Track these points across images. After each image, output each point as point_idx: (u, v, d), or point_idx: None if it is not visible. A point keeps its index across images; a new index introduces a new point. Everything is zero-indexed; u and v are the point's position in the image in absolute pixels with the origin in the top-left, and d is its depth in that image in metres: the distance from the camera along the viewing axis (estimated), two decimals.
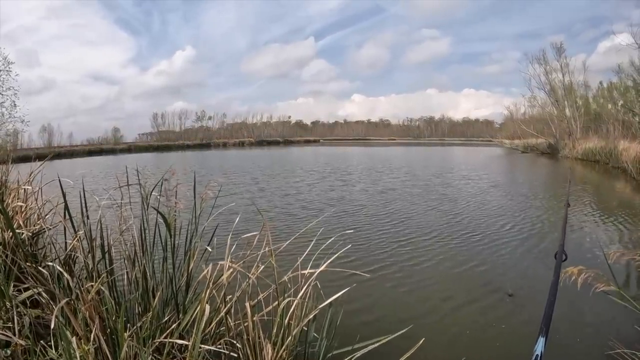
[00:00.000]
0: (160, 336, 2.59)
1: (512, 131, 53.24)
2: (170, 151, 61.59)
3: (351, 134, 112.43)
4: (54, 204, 4.13)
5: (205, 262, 3.26)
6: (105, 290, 2.70)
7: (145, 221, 3.28)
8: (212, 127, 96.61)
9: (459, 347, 4.04)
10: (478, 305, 5.06)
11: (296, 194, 14.07)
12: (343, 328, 3.03)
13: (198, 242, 3.29)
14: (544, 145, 41.66)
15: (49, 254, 3.96)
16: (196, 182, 3.53)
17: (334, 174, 20.96)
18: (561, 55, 42.33)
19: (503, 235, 8.42)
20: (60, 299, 2.38)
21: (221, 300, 2.80)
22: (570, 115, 40.51)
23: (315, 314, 2.69)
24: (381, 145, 75.52)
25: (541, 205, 12.07)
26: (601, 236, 8.45)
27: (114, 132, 77.97)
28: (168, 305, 3.05)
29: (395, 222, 9.59)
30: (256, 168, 25.57)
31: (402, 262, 6.64)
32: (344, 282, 3.18)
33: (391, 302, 5.17)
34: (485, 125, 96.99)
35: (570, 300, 4.89)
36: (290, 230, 8.30)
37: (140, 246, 3.21)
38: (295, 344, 2.66)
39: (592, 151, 29.61)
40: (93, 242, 3.14)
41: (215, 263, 3.00)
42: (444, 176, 20.48)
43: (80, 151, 54.23)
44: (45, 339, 2.69)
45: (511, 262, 6.69)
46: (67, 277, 2.94)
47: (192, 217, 3.37)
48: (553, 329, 4.35)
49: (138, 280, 3.08)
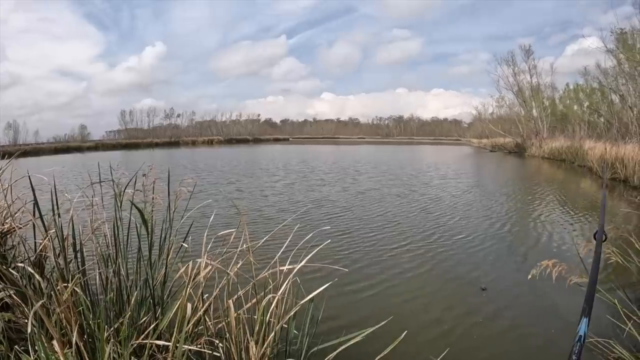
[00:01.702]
0: (138, 337, 2.53)
1: (480, 130, 54.20)
2: (139, 149, 60.63)
3: (321, 133, 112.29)
4: (23, 202, 4.01)
5: (181, 260, 3.21)
6: (79, 291, 2.62)
7: (118, 219, 3.20)
8: (181, 125, 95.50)
9: (439, 340, 4.09)
10: (455, 299, 5.17)
11: (274, 194, 13.93)
12: (325, 324, 3.03)
13: (173, 239, 3.22)
14: (512, 145, 42.45)
15: (18, 255, 3.84)
16: (170, 181, 3.46)
17: (312, 174, 20.94)
18: (529, 57, 43.33)
19: (478, 231, 8.54)
20: (34, 301, 2.30)
21: (199, 298, 2.76)
22: (537, 116, 41.41)
23: (297, 310, 2.67)
24: (351, 144, 75.78)
25: (514, 204, 12.31)
26: (572, 230, 8.66)
27: (81, 129, 76.26)
28: (144, 305, 2.99)
29: (374, 220, 9.67)
30: (229, 167, 25.40)
31: (379, 258, 6.73)
32: (324, 279, 3.15)
33: (369, 297, 5.20)
34: (454, 125, 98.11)
35: (544, 292, 5.00)
36: (268, 228, 8.24)
37: (114, 244, 3.13)
38: (277, 341, 2.63)
39: (558, 150, 30.31)
40: (65, 241, 3.05)
41: (193, 261, 2.94)
42: (421, 174, 20.83)
43: (46, 149, 52.95)
44: (17, 343, 2.60)
45: (484, 258, 6.79)
46: (38, 279, 2.85)
47: (166, 214, 3.31)
48: (527, 321, 4.47)
49: (112, 280, 3.00)
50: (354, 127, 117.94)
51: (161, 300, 3.03)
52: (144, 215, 3.06)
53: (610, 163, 17.57)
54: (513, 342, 4.16)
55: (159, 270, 3.09)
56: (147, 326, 2.76)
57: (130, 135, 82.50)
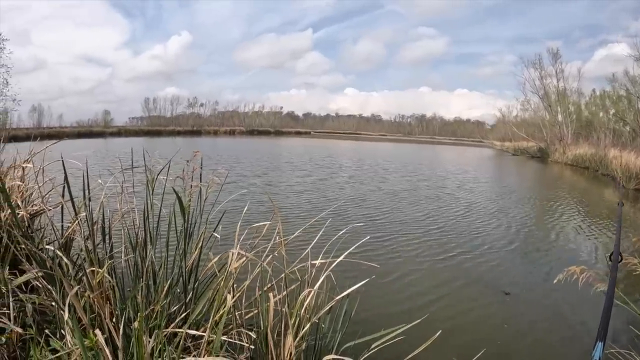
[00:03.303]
0: (167, 326, 2.50)
1: (504, 133, 53.57)
2: (161, 136, 61.16)
3: (342, 128, 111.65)
4: (53, 185, 4.01)
5: (210, 250, 3.19)
6: (107, 276, 2.59)
7: (150, 205, 3.17)
8: (204, 114, 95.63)
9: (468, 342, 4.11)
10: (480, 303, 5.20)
11: (306, 190, 13.82)
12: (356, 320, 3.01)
13: (205, 229, 3.20)
14: (535, 149, 41.95)
15: (44, 237, 3.83)
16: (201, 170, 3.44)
17: (341, 171, 20.94)
18: (557, 61, 42.66)
19: (505, 237, 8.50)
20: (66, 284, 2.27)
21: (231, 288, 2.72)
22: (562, 121, 40.81)
23: (332, 305, 2.64)
24: (372, 141, 75.53)
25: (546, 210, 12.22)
26: (600, 240, 8.55)
27: (105, 114, 76.68)
28: (173, 293, 2.96)
29: (410, 222, 9.64)
30: (254, 159, 25.40)
31: (409, 257, 6.86)
32: (358, 274, 3.11)
33: (400, 295, 5.29)
34: (476, 126, 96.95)
35: (569, 298, 4.95)
36: (300, 224, 8.21)
37: (144, 231, 3.10)
38: (308, 335, 2.60)
39: (582, 157, 29.90)
40: (94, 226, 3.03)
41: (225, 252, 2.91)
42: (452, 176, 20.90)
43: (70, 133, 53.50)
44: (41, 325, 2.57)
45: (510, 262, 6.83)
46: (66, 261, 2.83)
47: (197, 203, 3.28)
48: (547, 326, 4.42)
49: (143, 267, 2.98)
50: (376, 124, 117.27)
51: (193, 290, 3.00)
52: (182, 203, 3.04)
53: (635, 173, 17.30)
54: (534, 347, 4.15)
55: (189, 260, 3.06)
56: (177, 315, 2.74)
57: (152, 123, 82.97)
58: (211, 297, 2.78)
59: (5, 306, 2.60)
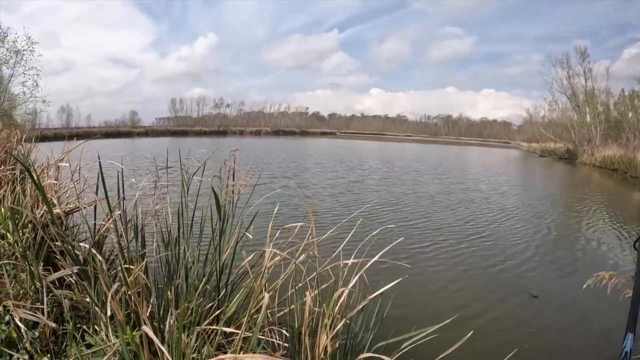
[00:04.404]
0: (201, 323, 2.53)
1: (530, 134, 52.89)
2: (187, 136, 61.87)
3: (368, 128, 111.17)
4: (87, 184, 4.08)
5: (242, 249, 3.22)
6: (142, 274, 2.63)
7: (184, 204, 3.21)
8: (230, 114, 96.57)
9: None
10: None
11: (341, 193, 13.85)
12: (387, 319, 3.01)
13: (238, 227, 3.23)
14: (562, 150, 41.35)
15: (78, 234, 3.91)
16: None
17: (374, 173, 20.97)
18: (585, 60, 41.83)
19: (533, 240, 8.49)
20: (103, 281, 2.32)
21: (263, 286, 2.75)
22: (591, 122, 40.08)
23: (364, 304, 2.65)
24: (398, 141, 75.19)
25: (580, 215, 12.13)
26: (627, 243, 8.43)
27: (132, 115, 77.97)
28: (208, 292, 3.00)
29: (447, 226, 9.72)
30: (282, 160, 25.52)
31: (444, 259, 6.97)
32: (389, 275, 3.11)
33: (431, 296, 5.42)
34: (503, 127, 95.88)
35: (599, 304, 4.88)
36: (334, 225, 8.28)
37: (179, 229, 3.14)
38: (341, 334, 2.61)
39: (610, 159, 29.44)
40: (128, 224, 3.08)
41: (258, 250, 2.94)
42: (484, 178, 21.01)
43: (97, 132, 54.54)
44: (73, 320, 2.61)
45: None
46: (100, 259, 2.87)
47: (229, 202, 3.31)
48: (575, 331, 4.37)
49: (177, 265, 3.02)
50: (401, 125, 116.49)
51: (225, 287, 3.03)
52: (219, 202, 3.07)
53: None
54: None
55: (223, 258, 3.09)
56: (213, 312, 2.77)
57: (179, 123, 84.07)
58: (244, 295, 2.80)
59: (40, 301, 2.65)
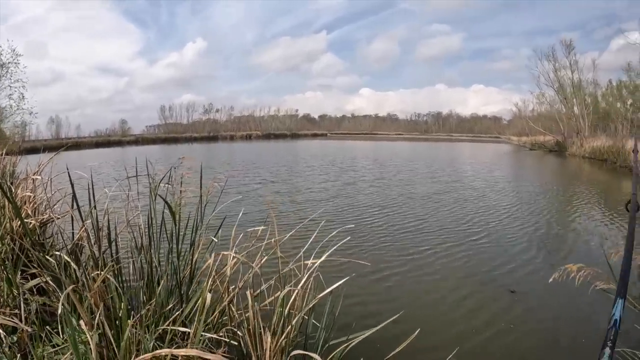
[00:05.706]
0: (163, 324, 2.64)
1: (520, 128, 53.08)
2: (178, 143, 61.67)
3: (359, 128, 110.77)
4: (62, 195, 4.18)
5: (210, 253, 3.31)
6: (111, 278, 2.74)
7: (152, 211, 3.32)
8: (220, 119, 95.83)
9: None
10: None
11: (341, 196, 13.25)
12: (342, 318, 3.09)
13: (203, 232, 3.33)
14: (552, 143, 41.51)
15: (56, 243, 4.02)
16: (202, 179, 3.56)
17: (370, 174, 20.62)
18: (570, 53, 42.00)
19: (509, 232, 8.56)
20: (67, 286, 2.44)
21: (224, 289, 2.85)
22: (579, 113, 40.27)
23: (315, 303, 2.74)
24: (389, 140, 75.00)
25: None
26: (603, 235, 8.50)
27: (122, 123, 77.52)
28: (172, 294, 3.10)
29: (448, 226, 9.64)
30: (273, 164, 25.37)
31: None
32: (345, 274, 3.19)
33: (388, 292, 5.35)
34: (493, 122, 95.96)
35: (569, 297, 4.93)
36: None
37: (147, 236, 3.26)
38: (295, 334, 2.70)
39: (600, 150, 29.55)
40: (100, 232, 3.19)
41: (218, 253, 3.05)
42: (481, 174, 20.77)
43: (87, 143, 54.48)
44: (51, 325, 2.75)
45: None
46: (73, 266, 2.99)
47: (198, 208, 3.41)
48: (551, 326, 4.42)
49: (143, 270, 3.14)
50: (392, 123, 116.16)
51: (187, 290, 3.15)
52: (172, 209, 3.18)
53: None
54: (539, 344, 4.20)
55: (188, 262, 3.21)
56: (173, 314, 2.87)
57: (169, 130, 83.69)
58: (199, 297, 2.91)
59: (17, 307, 2.79)
